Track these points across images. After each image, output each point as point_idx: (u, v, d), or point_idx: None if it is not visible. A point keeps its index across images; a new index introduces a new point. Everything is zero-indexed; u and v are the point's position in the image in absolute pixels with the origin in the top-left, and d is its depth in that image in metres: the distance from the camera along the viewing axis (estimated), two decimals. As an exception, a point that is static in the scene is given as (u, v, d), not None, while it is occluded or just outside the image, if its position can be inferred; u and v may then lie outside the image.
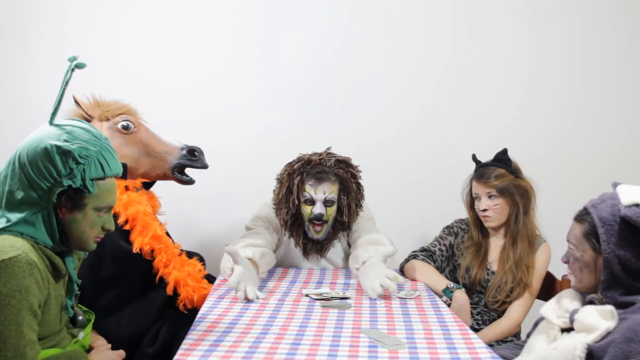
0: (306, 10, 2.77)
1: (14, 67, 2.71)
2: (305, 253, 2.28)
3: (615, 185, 1.54)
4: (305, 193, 2.17)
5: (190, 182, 2.13)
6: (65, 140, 1.29)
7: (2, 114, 2.71)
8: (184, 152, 2.07)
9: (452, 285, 2.03)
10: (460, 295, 2.00)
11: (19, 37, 2.70)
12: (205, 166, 2.12)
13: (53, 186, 1.28)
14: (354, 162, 2.25)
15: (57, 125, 1.33)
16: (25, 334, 1.19)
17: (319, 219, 2.17)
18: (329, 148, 2.28)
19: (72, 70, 1.33)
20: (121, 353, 1.51)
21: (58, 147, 1.27)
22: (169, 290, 1.89)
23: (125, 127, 2.00)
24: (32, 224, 1.28)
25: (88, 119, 2.01)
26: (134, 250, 1.86)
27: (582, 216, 1.54)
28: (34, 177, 1.27)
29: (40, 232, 1.29)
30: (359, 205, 2.24)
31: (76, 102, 2.03)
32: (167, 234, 2.04)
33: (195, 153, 2.09)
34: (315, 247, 2.26)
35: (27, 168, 1.27)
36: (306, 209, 2.18)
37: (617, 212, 1.45)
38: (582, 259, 1.52)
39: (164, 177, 2.10)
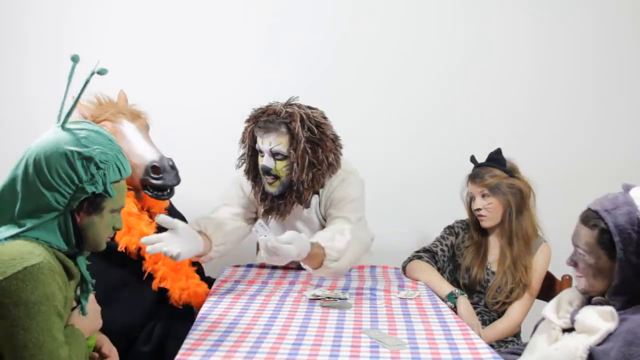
0: (307, 11, 2.76)
1: (13, 66, 2.70)
2: (266, 212, 2.12)
3: (627, 188, 1.50)
4: (257, 144, 2.06)
5: (158, 197, 1.95)
6: (85, 146, 1.28)
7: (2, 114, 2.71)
8: (149, 167, 1.90)
9: (456, 291, 2.03)
10: (464, 301, 2.01)
11: (17, 35, 2.69)
12: (172, 185, 1.91)
13: (75, 192, 1.27)
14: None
15: (71, 129, 1.30)
16: (57, 337, 1.22)
17: (267, 172, 2.04)
18: (295, 97, 2.11)
19: (92, 74, 1.31)
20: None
21: (79, 153, 1.26)
22: (154, 285, 1.87)
23: None
24: (47, 229, 1.27)
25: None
26: (119, 249, 1.84)
27: (593, 221, 1.49)
28: (53, 184, 1.26)
29: (56, 237, 1.29)
30: (317, 164, 2.03)
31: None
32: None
33: (159, 170, 1.89)
34: (274, 206, 2.09)
35: (45, 174, 1.25)
36: (260, 161, 2.06)
37: (635, 220, 1.42)
38: (595, 265, 1.49)
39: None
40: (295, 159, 2.01)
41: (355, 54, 2.78)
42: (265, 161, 2.03)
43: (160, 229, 1.98)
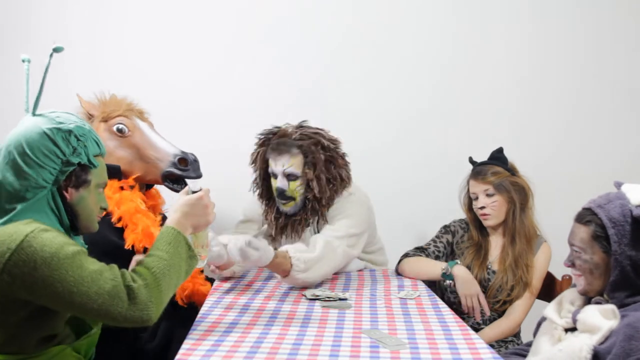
0: (305, 11, 2.77)
1: (13, 66, 2.70)
2: (278, 230, 2.13)
3: (618, 185, 1.53)
4: (269, 167, 2.08)
5: (175, 190, 2.05)
6: (61, 122, 1.33)
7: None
8: (175, 160, 2.00)
9: (446, 267, 2.02)
10: (460, 271, 2.00)
11: (17, 35, 2.69)
12: (197, 176, 2.02)
13: (63, 166, 1.31)
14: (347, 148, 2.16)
15: (42, 114, 1.35)
16: (90, 267, 1.20)
17: (281, 194, 2.06)
18: (304, 121, 2.15)
19: (51, 55, 1.34)
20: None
21: (58, 129, 1.31)
22: None
23: (120, 130, 1.99)
24: (38, 209, 1.29)
25: (90, 117, 2.01)
26: (126, 247, 1.86)
27: (587, 217, 1.51)
28: (38, 162, 1.28)
29: (48, 218, 1.30)
30: (332, 180, 2.07)
31: (80, 100, 2.04)
32: None
33: (187, 162, 2.00)
34: (289, 223, 2.12)
35: (29, 155, 1.28)
36: (273, 183, 2.09)
37: (628, 212, 1.44)
38: (591, 261, 1.50)
39: (158, 182, 2.06)
40: (314, 177, 2.04)
41: (354, 54, 2.79)
42: (279, 182, 2.06)
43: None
